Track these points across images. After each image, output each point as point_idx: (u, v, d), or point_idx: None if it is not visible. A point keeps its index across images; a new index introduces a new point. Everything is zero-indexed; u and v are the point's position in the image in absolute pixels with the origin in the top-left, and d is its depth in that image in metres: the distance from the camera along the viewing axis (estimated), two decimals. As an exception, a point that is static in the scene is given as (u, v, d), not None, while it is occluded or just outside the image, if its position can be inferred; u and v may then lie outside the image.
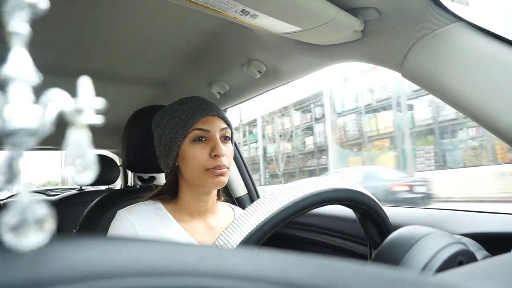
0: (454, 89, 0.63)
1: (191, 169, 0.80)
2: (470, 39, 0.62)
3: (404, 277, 0.20)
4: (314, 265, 0.18)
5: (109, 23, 0.96)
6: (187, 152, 0.80)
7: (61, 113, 0.15)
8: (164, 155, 0.83)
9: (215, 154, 0.78)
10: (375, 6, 0.67)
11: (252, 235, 0.39)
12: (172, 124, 0.81)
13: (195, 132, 0.80)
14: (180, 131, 0.80)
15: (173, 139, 0.81)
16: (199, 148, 0.80)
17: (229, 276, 0.15)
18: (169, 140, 0.81)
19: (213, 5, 0.61)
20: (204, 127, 0.80)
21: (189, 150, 0.80)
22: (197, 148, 0.80)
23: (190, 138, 0.80)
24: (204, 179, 0.79)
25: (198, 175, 0.79)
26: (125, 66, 1.28)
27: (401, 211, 0.99)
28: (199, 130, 0.80)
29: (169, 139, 0.81)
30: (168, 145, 0.81)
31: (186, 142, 0.80)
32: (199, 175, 0.79)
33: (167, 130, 0.82)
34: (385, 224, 0.54)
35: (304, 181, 0.45)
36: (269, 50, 0.98)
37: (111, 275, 0.13)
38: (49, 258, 0.13)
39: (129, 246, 0.15)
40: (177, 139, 0.80)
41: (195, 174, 0.80)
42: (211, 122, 0.81)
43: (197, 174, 0.79)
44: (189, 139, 0.80)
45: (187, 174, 0.82)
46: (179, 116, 0.81)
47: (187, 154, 0.80)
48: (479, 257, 0.44)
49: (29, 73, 0.14)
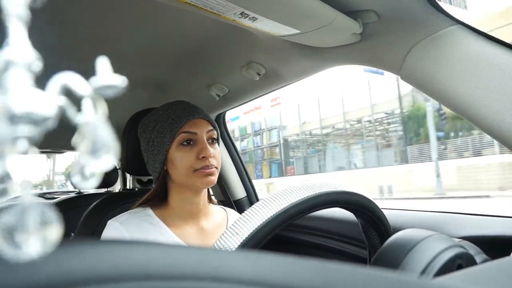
0: (452, 91, 0.64)
1: (179, 171, 0.80)
2: (468, 42, 0.62)
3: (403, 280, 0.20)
4: (313, 268, 0.18)
5: (108, 25, 0.96)
6: (175, 156, 0.81)
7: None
8: (152, 159, 0.84)
9: (203, 156, 0.79)
10: (374, 9, 0.67)
11: (251, 238, 0.39)
12: (159, 129, 0.82)
13: (182, 135, 0.81)
14: (167, 135, 0.80)
15: (160, 144, 0.81)
16: (186, 150, 0.81)
17: (228, 279, 0.15)
18: (156, 145, 0.82)
19: (212, 7, 0.61)
20: (191, 130, 0.81)
21: (177, 153, 0.81)
22: (184, 151, 0.81)
23: (177, 142, 0.81)
24: (193, 180, 0.80)
25: (187, 177, 0.80)
26: (124, 68, 1.28)
27: (401, 214, 0.99)
28: (186, 133, 0.81)
29: (156, 143, 0.82)
30: (156, 149, 0.82)
31: (174, 146, 0.81)
32: (188, 177, 0.80)
33: (153, 135, 0.82)
34: (384, 227, 0.54)
35: (303, 183, 0.45)
36: (268, 52, 0.99)
37: (110, 279, 0.13)
38: (48, 262, 0.12)
39: (129, 249, 0.15)
40: (164, 143, 0.81)
41: (184, 176, 0.80)
42: (198, 124, 0.82)
43: (186, 176, 0.80)
44: (176, 142, 0.81)
45: (176, 177, 0.82)
46: (165, 120, 0.82)
47: (175, 157, 0.81)
48: (479, 261, 0.44)
49: (30, 57, 0.13)
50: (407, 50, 0.70)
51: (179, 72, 1.30)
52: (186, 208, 0.85)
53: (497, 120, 0.58)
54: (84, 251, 0.14)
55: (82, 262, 0.13)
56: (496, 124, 0.59)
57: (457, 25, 0.63)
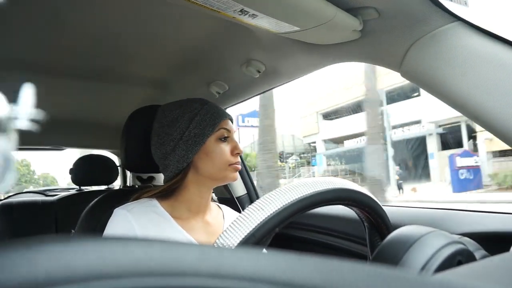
0: (452, 88, 0.63)
1: (215, 164, 0.85)
2: (469, 38, 0.62)
3: (403, 277, 0.20)
4: (314, 265, 0.18)
5: (108, 22, 0.96)
6: (213, 148, 0.85)
7: None
8: (184, 150, 0.84)
9: (237, 152, 0.86)
10: (374, 5, 0.67)
11: (252, 235, 0.39)
12: (198, 120, 0.84)
13: (222, 131, 0.86)
14: (208, 127, 0.84)
15: (199, 135, 0.83)
16: (224, 145, 0.86)
17: (229, 276, 0.15)
18: (193, 136, 0.83)
19: (212, 4, 0.61)
20: (228, 127, 0.88)
21: (215, 146, 0.85)
22: (223, 145, 0.86)
23: (216, 136, 0.85)
24: (225, 173, 0.85)
25: (220, 170, 0.85)
26: (124, 66, 1.28)
27: (401, 211, 0.99)
28: (225, 129, 0.87)
29: (193, 134, 0.83)
30: (192, 139, 0.83)
31: (213, 139, 0.85)
32: (222, 170, 0.85)
33: (192, 126, 0.84)
34: (385, 224, 0.54)
35: (305, 180, 0.45)
36: (268, 50, 0.98)
37: (110, 276, 0.13)
38: (48, 258, 0.13)
39: (129, 246, 0.15)
40: (204, 135, 0.84)
41: (218, 169, 0.85)
42: (229, 124, 0.89)
43: (220, 169, 0.85)
44: (215, 136, 0.85)
45: (208, 169, 0.85)
46: (205, 113, 0.85)
47: (213, 150, 0.85)
48: (478, 257, 0.44)
49: None
50: (407, 47, 0.69)
51: (179, 70, 1.30)
52: (196, 202, 0.87)
53: (497, 116, 0.58)
54: (84, 247, 0.14)
55: (82, 259, 0.13)
56: (497, 120, 0.59)
57: (458, 21, 0.63)
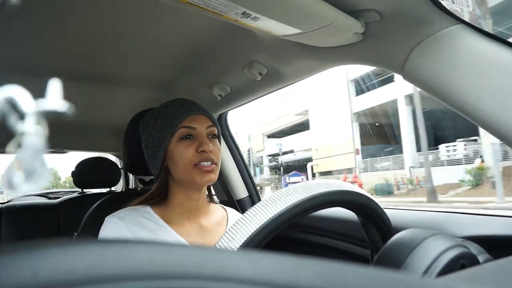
0: (455, 91, 0.63)
1: (179, 166, 0.81)
2: (471, 41, 0.62)
3: (406, 280, 0.20)
4: (316, 267, 0.18)
5: (110, 25, 0.96)
6: (174, 151, 0.81)
7: None
8: (152, 156, 0.84)
9: (201, 150, 0.80)
10: (376, 8, 0.67)
11: (254, 237, 0.39)
12: (159, 125, 0.82)
13: (181, 130, 0.82)
14: (167, 130, 0.81)
15: (160, 139, 0.82)
16: (186, 145, 0.81)
17: (230, 279, 0.15)
18: (156, 141, 0.82)
19: (214, 7, 0.61)
20: (190, 125, 0.82)
21: (176, 148, 0.81)
22: (184, 146, 0.81)
23: (177, 137, 0.82)
24: (192, 175, 0.80)
25: (186, 172, 0.80)
26: (127, 69, 1.28)
27: (403, 214, 0.99)
28: (186, 128, 0.82)
29: (156, 139, 0.82)
30: (156, 145, 0.82)
31: (174, 141, 0.82)
32: (188, 172, 0.80)
33: (154, 131, 0.83)
34: (387, 227, 0.54)
35: (307, 183, 0.45)
36: (270, 52, 0.98)
37: (112, 279, 0.13)
38: (50, 261, 0.13)
39: (131, 249, 0.15)
40: (164, 139, 0.81)
41: (183, 171, 0.81)
42: (197, 120, 0.83)
43: (185, 171, 0.80)
44: (176, 137, 0.82)
45: (176, 172, 0.82)
46: (165, 116, 0.83)
47: (174, 152, 0.81)
48: (482, 260, 0.43)
49: None
50: (409, 49, 0.69)
51: (181, 72, 1.30)
52: (186, 205, 0.85)
53: (500, 119, 0.58)
54: (86, 250, 0.14)
55: (84, 262, 0.13)
56: (499, 123, 0.58)
57: (460, 24, 0.63)
